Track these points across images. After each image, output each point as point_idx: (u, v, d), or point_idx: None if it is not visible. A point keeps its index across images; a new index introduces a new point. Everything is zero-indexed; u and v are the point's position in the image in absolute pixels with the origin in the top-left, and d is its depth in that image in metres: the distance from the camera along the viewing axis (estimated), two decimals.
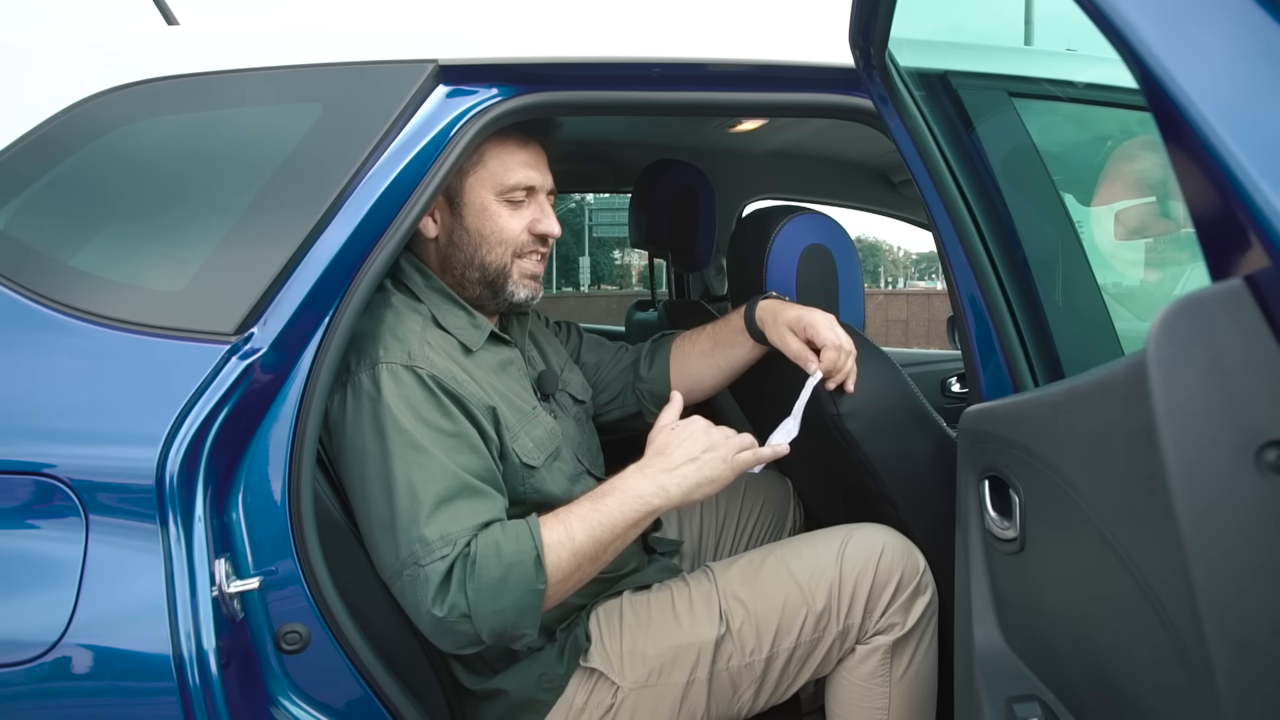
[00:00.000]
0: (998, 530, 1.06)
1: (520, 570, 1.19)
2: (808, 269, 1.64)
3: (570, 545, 1.22)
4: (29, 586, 1.01)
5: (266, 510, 1.16)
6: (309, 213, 1.19)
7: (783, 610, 1.41)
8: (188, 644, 1.00)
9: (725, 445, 1.30)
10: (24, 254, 1.15)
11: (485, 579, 1.17)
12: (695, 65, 1.37)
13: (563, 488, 1.41)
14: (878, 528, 1.48)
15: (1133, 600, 0.70)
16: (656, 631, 1.41)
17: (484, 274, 1.42)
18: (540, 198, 1.46)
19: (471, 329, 1.41)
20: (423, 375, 1.26)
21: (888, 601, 1.41)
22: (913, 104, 1.25)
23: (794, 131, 2.58)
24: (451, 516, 1.20)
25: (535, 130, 1.44)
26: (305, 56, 1.26)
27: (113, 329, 1.12)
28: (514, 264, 1.43)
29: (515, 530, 1.22)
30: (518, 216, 1.43)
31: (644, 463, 1.30)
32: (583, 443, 1.58)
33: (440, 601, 1.17)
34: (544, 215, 1.45)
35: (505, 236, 1.41)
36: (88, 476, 1.04)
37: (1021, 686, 1.02)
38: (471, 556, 1.18)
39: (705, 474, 1.29)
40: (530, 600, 1.20)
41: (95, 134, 1.20)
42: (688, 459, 1.28)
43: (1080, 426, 0.81)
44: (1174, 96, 0.49)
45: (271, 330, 1.15)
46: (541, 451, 1.39)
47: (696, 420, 1.34)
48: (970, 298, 1.24)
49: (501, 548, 1.19)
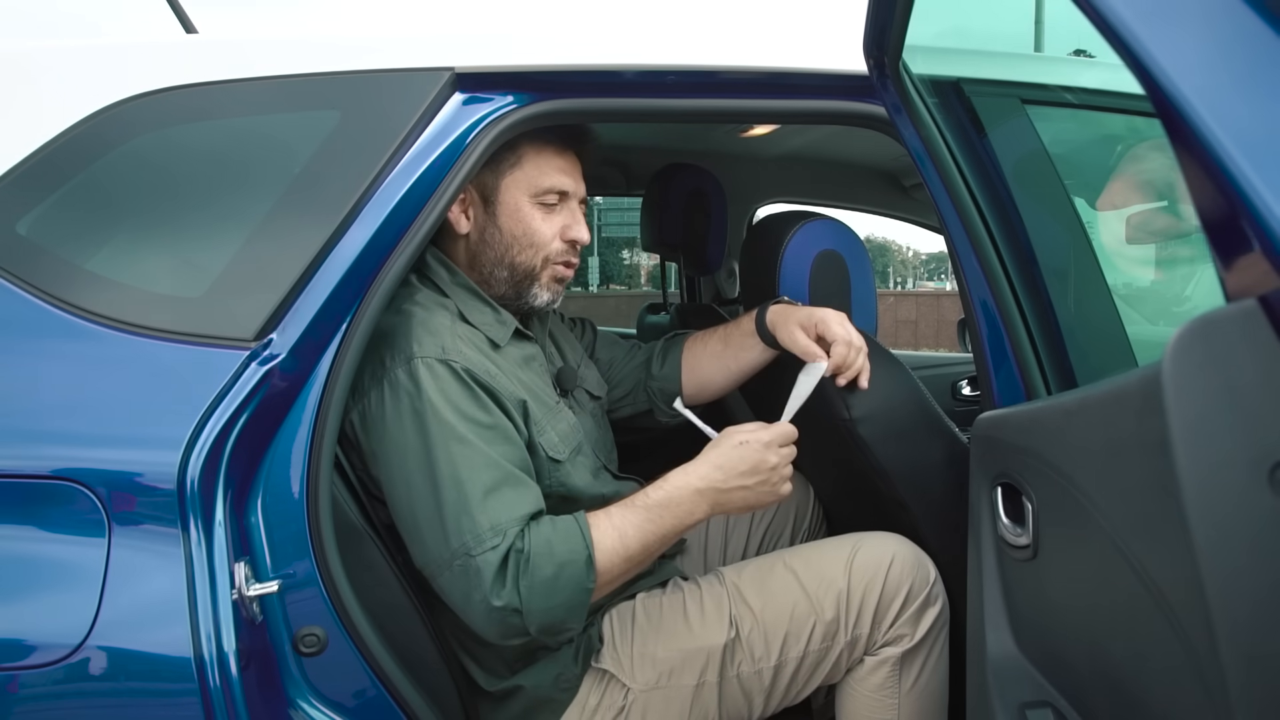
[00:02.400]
0: (1010, 537, 1.07)
1: (573, 570, 1.21)
2: (821, 275, 1.64)
3: (623, 551, 1.26)
4: (53, 589, 1.03)
5: (285, 514, 1.17)
6: (327, 219, 1.20)
7: (791, 618, 1.41)
8: (208, 646, 1.02)
9: (778, 479, 1.33)
10: (47, 260, 1.16)
11: (539, 576, 1.20)
12: (708, 73, 1.38)
13: (586, 481, 1.43)
14: (888, 537, 1.48)
15: (1146, 610, 0.71)
16: (667, 634, 1.42)
17: (513, 274, 1.44)
18: (573, 204, 1.48)
19: (497, 325, 1.42)
20: (457, 369, 1.27)
21: (896, 613, 1.41)
22: (926, 112, 1.26)
23: (805, 136, 2.58)
24: (500, 506, 1.22)
25: (573, 139, 1.48)
26: (323, 64, 1.27)
27: (134, 335, 1.13)
28: (544, 269, 1.46)
29: (566, 529, 1.25)
30: (550, 221, 1.45)
31: (702, 474, 1.31)
32: (599, 439, 1.59)
33: (497, 592, 1.19)
34: (575, 222, 1.48)
35: (537, 239, 1.44)
36: (110, 481, 1.05)
37: (1034, 692, 1.03)
38: (526, 554, 1.20)
39: (750, 501, 1.33)
40: (580, 598, 1.23)
41: (116, 141, 1.21)
42: (741, 485, 1.31)
43: (1094, 436, 0.81)
44: (1188, 117, 0.50)
45: (290, 336, 1.17)
46: (566, 445, 1.41)
47: (762, 442, 1.32)
48: (983, 304, 1.25)
49: (554, 546, 1.22)
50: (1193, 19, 0.54)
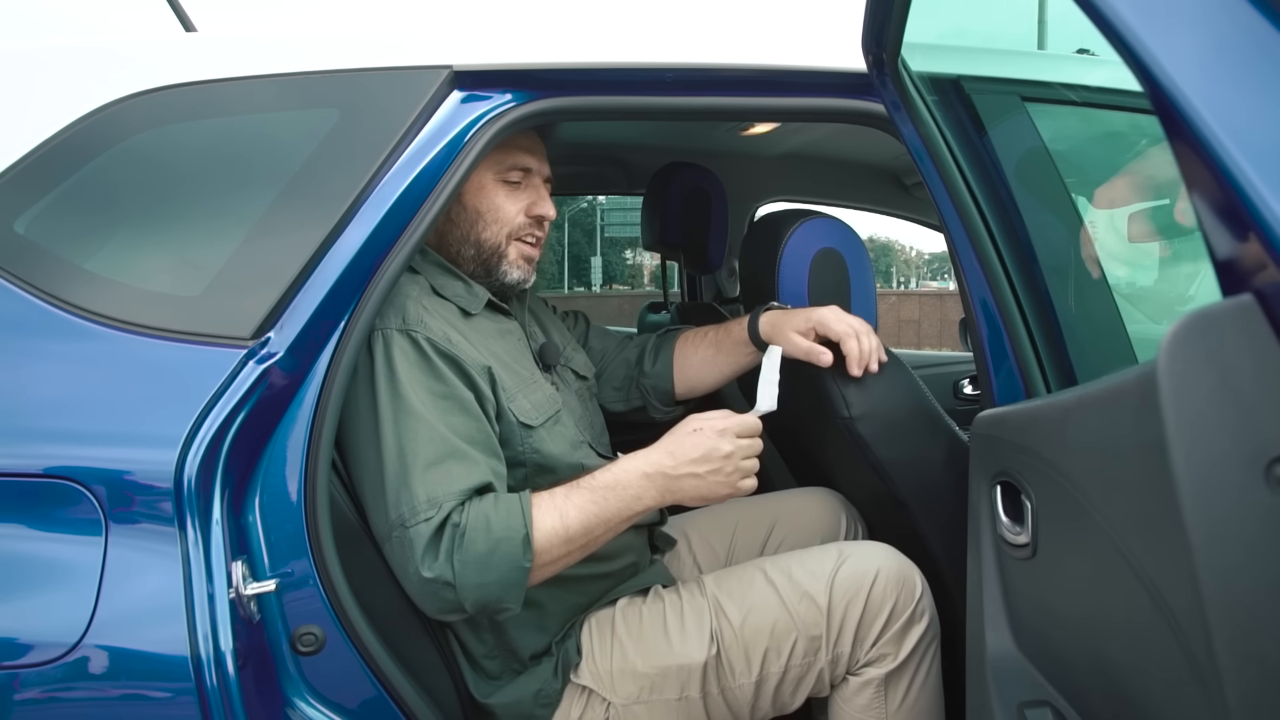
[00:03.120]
0: (1010, 536, 1.06)
1: (508, 546, 1.21)
2: (820, 273, 1.64)
3: (563, 532, 1.25)
4: (50, 588, 1.03)
5: (283, 513, 1.17)
6: (325, 218, 1.20)
7: (771, 634, 1.38)
8: (205, 645, 1.02)
9: (732, 470, 1.30)
10: (44, 258, 1.16)
11: (472, 552, 1.20)
12: (708, 70, 1.38)
13: (563, 450, 1.43)
14: (874, 549, 1.45)
15: (1144, 609, 0.71)
16: (648, 648, 1.40)
17: (479, 251, 1.46)
18: (536, 181, 1.51)
19: (469, 295, 1.44)
20: (417, 338, 1.29)
21: (879, 632, 1.38)
22: (925, 109, 1.25)
23: (806, 134, 2.57)
24: (438, 479, 1.22)
25: None
26: (321, 63, 1.27)
27: (131, 333, 1.13)
28: (510, 245, 1.48)
29: (507, 506, 1.24)
30: (514, 199, 1.47)
31: (651, 461, 1.30)
32: (584, 416, 1.59)
33: (427, 564, 1.19)
34: (540, 198, 1.50)
35: (501, 215, 1.46)
36: (107, 480, 1.05)
37: (1034, 691, 1.02)
38: (461, 528, 1.20)
39: (702, 491, 1.31)
40: (515, 576, 1.22)
41: (114, 140, 1.21)
42: (690, 473, 1.29)
43: (1091, 434, 0.81)
44: (1182, 110, 0.49)
45: (288, 334, 1.17)
46: (540, 413, 1.41)
47: (716, 430, 1.30)
48: (983, 302, 1.25)
49: (491, 522, 1.22)
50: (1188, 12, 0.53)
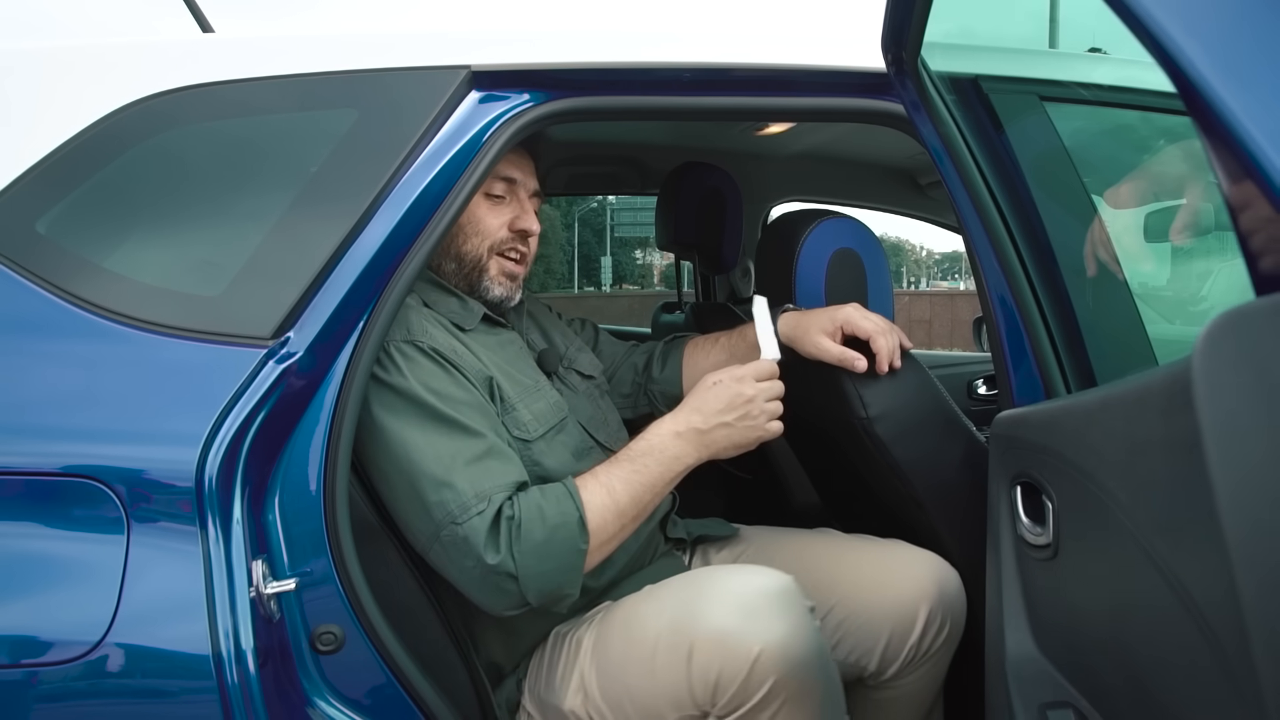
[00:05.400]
0: (1030, 536, 1.06)
1: (565, 532, 1.22)
2: (837, 273, 1.64)
3: (614, 506, 1.27)
4: (73, 586, 1.03)
5: (302, 512, 1.17)
6: (345, 218, 1.20)
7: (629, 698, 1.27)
8: (226, 644, 1.02)
9: (758, 413, 1.33)
10: (65, 258, 1.17)
11: (530, 541, 1.20)
12: (725, 70, 1.37)
13: (562, 462, 1.40)
14: (778, 614, 1.21)
15: (1172, 612, 0.70)
16: (548, 687, 1.36)
17: (460, 265, 1.45)
18: (521, 195, 1.49)
19: (463, 311, 1.44)
20: (424, 348, 1.29)
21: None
22: (945, 109, 1.25)
23: (821, 134, 2.57)
24: (482, 474, 1.23)
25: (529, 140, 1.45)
26: (340, 63, 1.27)
27: (152, 333, 1.14)
28: (491, 259, 1.46)
29: (555, 493, 1.26)
30: (496, 212, 1.46)
31: (680, 419, 1.33)
32: (594, 416, 1.58)
33: (491, 554, 1.19)
34: (524, 212, 1.48)
35: (481, 228, 1.44)
36: (129, 479, 1.05)
37: (1055, 693, 1.02)
38: (516, 520, 1.21)
39: (736, 439, 1.34)
40: (574, 560, 1.24)
41: (134, 141, 1.22)
42: (720, 423, 1.32)
43: (1117, 435, 0.80)
44: (1218, 109, 0.49)
45: (307, 334, 1.17)
46: (541, 424, 1.40)
47: (734, 377, 1.34)
48: (1001, 301, 1.24)
49: (544, 510, 1.23)
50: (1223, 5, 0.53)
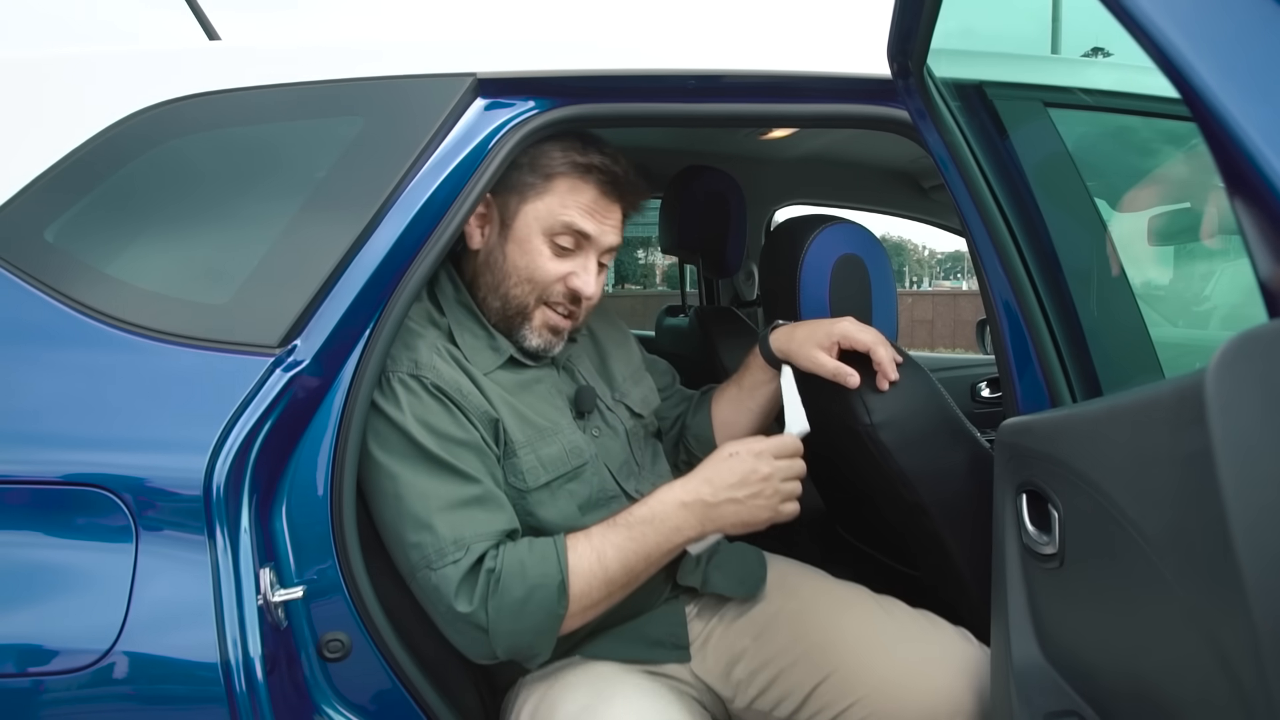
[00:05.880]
0: (1036, 546, 1.06)
1: (543, 594, 1.18)
2: (841, 279, 1.64)
3: (602, 574, 1.22)
4: (82, 594, 1.04)
5: (309, 520, 1.18)
6: (351, 226, 1.21)
7: None
8: (235, 652, 1.02)
9: (772, 493, 1.26)
10: (74, 267, 1.17)
11: (507, 598, 1.17)
12: (730, 76, 1.38)
13: (564, 514, 1.33)
14: None
15: (1178, 625, 0.70)
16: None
17: (505, 306, 1.37)
18: (589, 252, 1.38)
19: (488, 351, 1.37)
20: (427, 383, 1.25)
21: None
22: (949, 116, 1.25)
23: (824, 138, 2.58)
24: (466, 520, 1.20)
25: (622, 189, 1.39)
26: (347, 71, 1.28)
27: (160, 341, 1.14)
28: (537, 309, 1.37)
29: (542, 550, 1.21)
30: (557, 263, 1.36)
31: (689, 489, 1.26)
32: (627, 462, 1.48)
33: (462, 602, 1.17)
34: (584, 272, 1.37)
35: (536, 275, 1.35)
36: (138, 488, 1.06)
37: (1060, 701, 1.02)
38: (496, 573, 1.18)
39: (744, 517, 1.26)
40: (550, 624, 1.20)
41: (141, 149, 1.22)
42: (730, 498, 1.25)
43: (1123, 446, 0.81)
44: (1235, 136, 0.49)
45: (314, 343, 1.17)
46: (546, 472, 1.32)
47: (752, 452, 1.27)
48: (1006, 307, 1.24)
49: (527, 568, 1.19)
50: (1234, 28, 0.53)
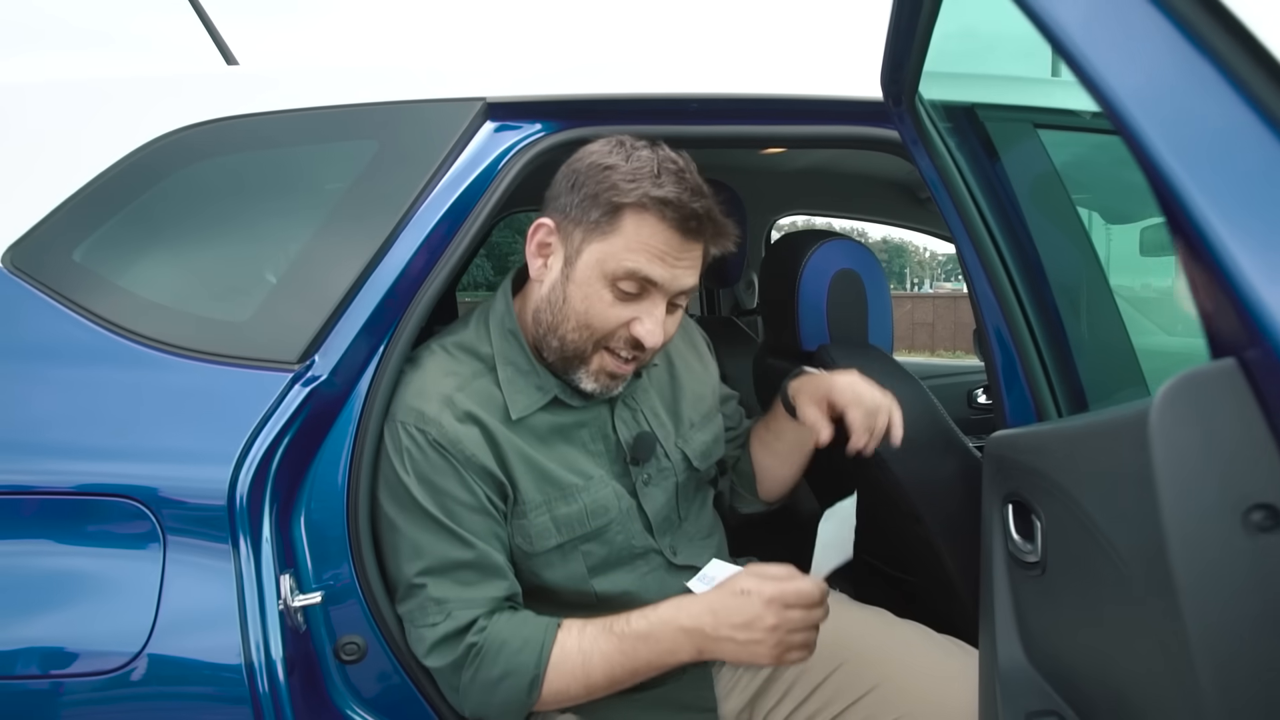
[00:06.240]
0: (1021, 553, 1.11)
1: (515, 681, 1.18)
2: (838, 293, 1.69)
3: (583, 678, 1.20)
4: (113, 600, 1.09)
5: (326, 528, 1.23)
6: (366, 246, 1.26)
7: None
8: (258, 654, 1.08)
9: (774, 643, 1.16)
10: (101, 286, 1.23)
11: (483, 674, 1.19)
12: (730, 100, 1.43)
13: (571, 577, 1.30)
14: None
15: (1142, 629, 0.75)
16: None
17: (562, 347, 1.26)
18: (656, 298, 1.23)
19: (532, 390, 1.29)
20: (431, 438, 1.20)
21: None
22: (940, 140, 1.29)
23: (823, 152, 2.62)
24: (454, 585, 1.20)
25: (701, 225, 1.23)
26: (361, 96, 1.33)
27: (185, 358, 1.19)
28: (595, 354, 1.26)
29: (527, 637, 1.20)
30: (619, 308, 1.23)
31: (693, 614, 1.19)
32: (669, 517, 1.40)
33: (434, 659, 1.20)
34: (649, 318, 1.23)
35: (595, 322, 1.23)
36: (165, 498, 1.11)
37: (1042, 702, 1.06)
38: (479, 648, 1.19)
39: (740, 656, 1.19)
40: (516, 708, 1.21)
41: (166, 172, 1.28)
42: (730, 637, 1.17)
43: (1095, 463, 0.85)
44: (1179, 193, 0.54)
45: (331, 359, 1.22)
46: (560, 534, 1.27)
47: (764, 598, 1.16)
48: (995, 329, 1.29)
49: (507, 648, 1.19)
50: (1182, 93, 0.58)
